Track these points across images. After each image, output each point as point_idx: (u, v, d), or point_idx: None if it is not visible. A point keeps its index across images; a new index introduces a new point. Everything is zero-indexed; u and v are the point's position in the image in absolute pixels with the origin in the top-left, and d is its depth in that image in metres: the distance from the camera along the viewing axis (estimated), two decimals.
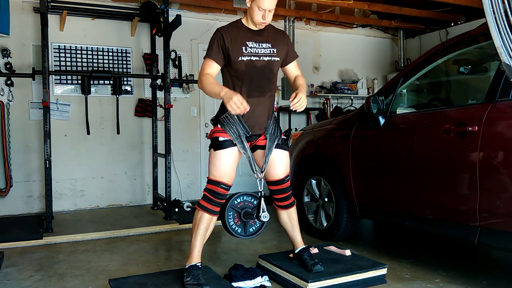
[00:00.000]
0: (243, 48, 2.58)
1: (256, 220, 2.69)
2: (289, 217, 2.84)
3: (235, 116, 2.59)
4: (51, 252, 3.59)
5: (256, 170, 2.66)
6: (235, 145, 2.60)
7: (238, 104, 2.32)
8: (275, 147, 2.70)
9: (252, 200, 2.75)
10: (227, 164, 2.60)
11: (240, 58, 2.56)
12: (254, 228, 2.76)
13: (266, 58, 2.61)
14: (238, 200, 2.73)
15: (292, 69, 2.80)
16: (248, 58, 2.58)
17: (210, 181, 2.60)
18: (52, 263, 3.29)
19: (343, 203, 3.56)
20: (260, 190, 2.66)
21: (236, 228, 2.72)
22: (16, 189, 5.04)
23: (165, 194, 4.69)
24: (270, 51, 2.64)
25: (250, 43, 2.60)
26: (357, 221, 3.68)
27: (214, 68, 2.58)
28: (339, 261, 2.85)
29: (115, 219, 4.75)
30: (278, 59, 2.67)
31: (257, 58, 2.59)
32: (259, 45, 2.62)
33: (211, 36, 2.63)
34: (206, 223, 2.59)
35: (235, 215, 2.72)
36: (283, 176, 2.75)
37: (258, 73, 2.61)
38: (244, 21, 2.66)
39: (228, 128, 2.60)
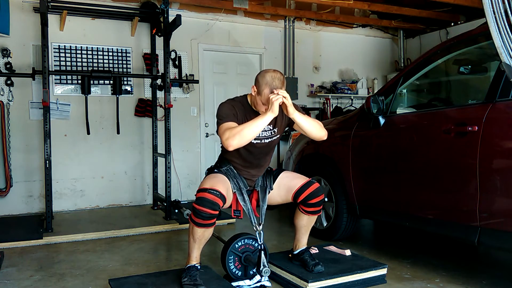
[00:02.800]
0: None
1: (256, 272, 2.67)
2: (309, 222, 2.80)
3: (235, 171, 2.66)
4: (51, 252, 3.59)
5: (255, 222, 2.62)
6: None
7: (277, 98, 2.33)
8: (275, 178, 2.75)
9: (253, 243, 2.73)
10: (219, 179, 2.54)
11: None
12: (254, 270, 2.72)
13: (267, 140, 2.64)
14: (239, 244, 2.72)
15: None
16: None
17: (198, 191, 2.48)
18: (52, 263, 3.29)
19: (343, 203, 3.56)
20: (260, 243, 2.61)
21: (236, 272, 2.71)
22: (16, 189, 5.04)
23: (165, 194, 4.69)
24: (270, 133, 2.64)
25: None
26: (357, 221, 3.68)
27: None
28: (339, 261, 2.85)
29: (115, 219, 4.75)
30: (278, 135, 2.69)
31: (258, 141, 2.60)
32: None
33: (218, 106, 2.56)
34: (199, 234, 2.48)
35: (236, 258, 2.71)
36: (301, 183, 2.66)
37: (258, 152, 2.64)
38: (249, 99, 2.62)
39: (230, 179, 2.63)
